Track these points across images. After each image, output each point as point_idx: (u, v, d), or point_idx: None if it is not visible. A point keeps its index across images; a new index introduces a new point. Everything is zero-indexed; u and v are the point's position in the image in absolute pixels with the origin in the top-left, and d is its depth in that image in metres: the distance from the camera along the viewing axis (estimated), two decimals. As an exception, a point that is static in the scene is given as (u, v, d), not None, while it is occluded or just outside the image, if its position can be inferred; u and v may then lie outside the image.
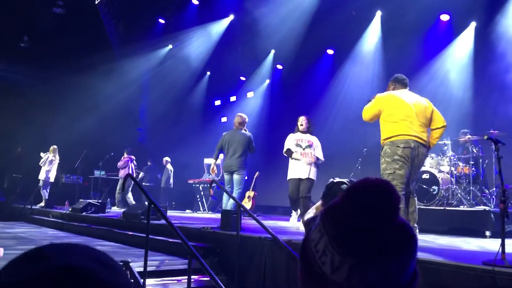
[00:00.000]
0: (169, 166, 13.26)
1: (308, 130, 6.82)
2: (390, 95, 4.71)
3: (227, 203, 6.93)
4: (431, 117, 4.67)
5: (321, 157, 6.75)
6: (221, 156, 13.51)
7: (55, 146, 11.61)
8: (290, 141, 6.81)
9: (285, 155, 6.87)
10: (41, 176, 11.38)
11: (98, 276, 0.53)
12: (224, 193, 6.83)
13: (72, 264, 0.53)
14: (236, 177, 7.11)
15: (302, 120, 6.82)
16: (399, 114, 4.52)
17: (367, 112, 4.81)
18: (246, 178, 7.49)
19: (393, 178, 4.45)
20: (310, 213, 3.34)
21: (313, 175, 6.61)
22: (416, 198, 4.82)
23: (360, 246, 0.67)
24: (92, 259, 0.56)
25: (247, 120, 7.63)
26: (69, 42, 12.82)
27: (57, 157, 11.63)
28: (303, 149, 6.68)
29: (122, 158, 11.98)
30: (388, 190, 0.70)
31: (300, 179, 6.58)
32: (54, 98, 13.20)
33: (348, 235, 0.68)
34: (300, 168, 6.63)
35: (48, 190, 11.46)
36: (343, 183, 2.97)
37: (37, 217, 9.98)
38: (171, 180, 13.22)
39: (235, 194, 7.03)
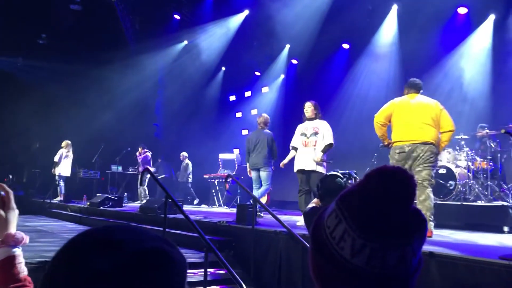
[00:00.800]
0: (187, 161, 13.32)
1: (316, 116, 6.44)
2: (395, 103, 5.10)
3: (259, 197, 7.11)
4: (439, 120, 4.89)
5: (329, 140, 6.20)
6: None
7: (68, 141, 11.74)
8: (296, 134, 6.56)
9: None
10: (57, 171, 11.56)
11: (172, 256, 0.55)
12: (255, 188, 7.21)
13: (148, 248, 0.54)
14: (263, 174, 7.31)
15: (306, 107, 6.49)
16: (401, 120, 4.94)
17: (379, 116, 5.15)
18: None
19: None
20: (310, 204, 3.35)
21: (318, 167, 6.14)
22: (428, 189, 4.80)
23: (381, 230, 0.69)
24: (159, 240, 0.57)
25: (269, 120, 7.77)
26: (86, 39, 12.98)
27: (71, 151, 11.76)
28: (308, 137, 6.31)
29: (139, 154, 12.05)
30: (405, 176, 0.72)
31: (304, 171, 6.21)
32: (71, 94, 13.39)
33: (369, 220, 0.70)
34: (302, 159, 6.27)
35: (63, 185, 11.62)
36: (337, 176, 2.98)
37: (56, 211, 10.16)
38: (191, 175, 13.26)
39: (264, 190, 7.30)
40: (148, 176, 10.44)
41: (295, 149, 6.49)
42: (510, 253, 2.86)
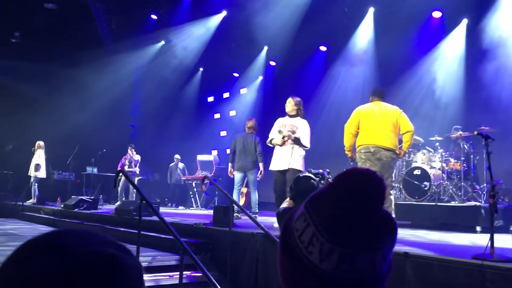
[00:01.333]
0: (180, 164, 13.16)
1: (297, 113, 6.16)
2: (360, 111, 5.46)
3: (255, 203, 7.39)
4: (399, 124, 5.27)
5: (305, 143, 5.95)
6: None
7: (41, 142, 11.49)
8: (274, 128, 6.24)
9: (269, 145, 6.34)
10: (33, 173, 11.31)
11: (121, 261, 0.52)
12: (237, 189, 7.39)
13: (91, 252, 0.51)
14: (251, 177, 7.42)
15: (287, 102, 6.25)
16: (366, 126, 5.28)
17: (350, 126, 5.47)
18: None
19: None
20: (283, 205, 3.35)
21: (295, 165, 5.87)
22: (391, 196, 5.02)
23: (349, 234, 0.67)
24: (110, 245, 0.54)
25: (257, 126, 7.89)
26: (61, 38, 12.72)
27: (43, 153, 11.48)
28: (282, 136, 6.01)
29: (130, 154, 11.60)
30: (375, 179, 0.70)
31: (280, 171, 5.94)
32: (45, 94, 13.11)
33: (337, 223, 0.68)
34: (278, 158, 6.03)
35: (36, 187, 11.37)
36: (311, 177, 2.99)
37: (29, 214, 9.92)
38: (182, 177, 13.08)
39: (252, 192, 7.48)
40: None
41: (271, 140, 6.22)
42: (482, 252, 2.91)
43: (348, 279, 0.67)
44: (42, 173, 11.35)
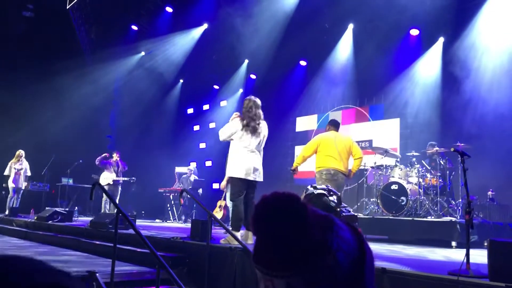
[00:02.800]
0: (192, 177, 12.59)
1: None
2: (321, 138, 6.38)
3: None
4: (351, 151, 6.30)
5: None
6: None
7: (21, 151, 11.23)
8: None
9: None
10: (24, 184, 11.09)
11: None
12: None
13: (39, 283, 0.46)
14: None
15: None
16: (325, 152, 6.21)
17: (307, 151, 6.44)
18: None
19: None
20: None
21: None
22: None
23: (265, 261, 0.66)
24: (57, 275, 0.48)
25: None
26: (39, 47, 12.53)
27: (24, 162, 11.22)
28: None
29: (117, 160, 11.04)
30: (291, 202, 0.67)
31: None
32: (21, 102, 12.84)
33: (257, 250, 0.68)
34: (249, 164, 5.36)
35: (16, 198, 11.04)
36: (324, 194, 2.96)
37: (0, 226, 9.63)
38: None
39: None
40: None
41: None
42: (458, 268, 2.93)
43: None
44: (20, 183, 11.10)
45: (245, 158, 5.25)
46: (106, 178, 10.55)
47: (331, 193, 2.89)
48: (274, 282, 0.65)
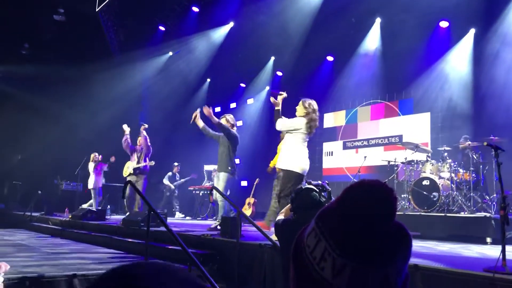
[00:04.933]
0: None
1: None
2: None
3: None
4: None
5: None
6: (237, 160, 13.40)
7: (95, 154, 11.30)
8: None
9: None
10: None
11: None
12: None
13: None
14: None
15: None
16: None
17: None
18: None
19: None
20: (279, 216, 3.32)
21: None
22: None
23: (360, 249, 0.66)
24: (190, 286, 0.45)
25: None
26: (70, 50, 12.86)
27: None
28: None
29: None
30: (385, 189, 0.69)
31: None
32: (53, 105, 13.21)
33: (348, 238, 0.66)
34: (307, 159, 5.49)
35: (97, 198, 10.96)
36: (312, 189, 2.97)
37: (37, 224, 9.95)
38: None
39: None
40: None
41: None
42: (493, 265, 2.86)
43: None
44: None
45: (305, 155, 5.39)
46: (128, 167, 9.19)
47: (324, 188, 2.89)
48: (369, 274, 0.65)
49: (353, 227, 0.67)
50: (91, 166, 10.99)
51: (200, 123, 7.16)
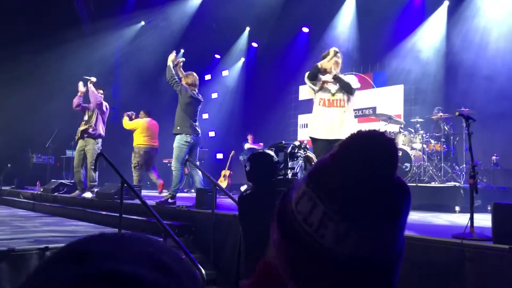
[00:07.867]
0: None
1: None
2: None
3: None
4: None
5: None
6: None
7: None
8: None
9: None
10: None
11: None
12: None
13: (120, 272, 0.37)
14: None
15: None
16: None
17: None
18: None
19: None
20: (243, 187, 3.33)
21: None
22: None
23: (366, 209, 0.59)
24: (152, 264, 0.39)
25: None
26: (34, 19, 12.35)
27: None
28: (333, 94, 5.11)
29: None
30: (384, 141, 0.61)
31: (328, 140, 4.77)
32: (20, 78, 12.77)
33: (350, 197, 0.59)
34: (326, 122, 4.93)
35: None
36: (267, 154, 2.98)
37: (7, 198, 9.75)
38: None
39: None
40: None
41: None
42: (462, 232, 2.95)
43: (365, 261, 0.60)
44: None
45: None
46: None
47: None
48: (376, 236, 0.60)
49: (354, 184, 0.59)
50: None
51: (171, 64, 6.68)
